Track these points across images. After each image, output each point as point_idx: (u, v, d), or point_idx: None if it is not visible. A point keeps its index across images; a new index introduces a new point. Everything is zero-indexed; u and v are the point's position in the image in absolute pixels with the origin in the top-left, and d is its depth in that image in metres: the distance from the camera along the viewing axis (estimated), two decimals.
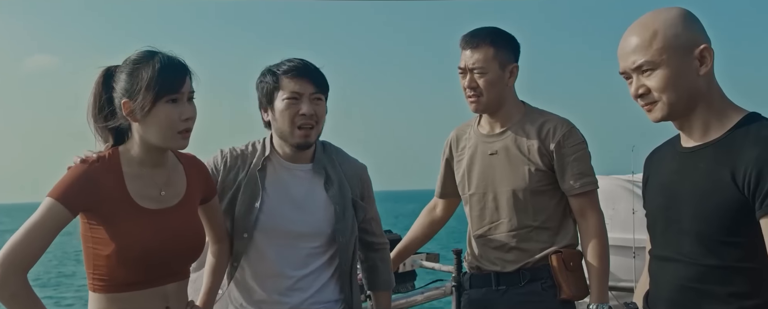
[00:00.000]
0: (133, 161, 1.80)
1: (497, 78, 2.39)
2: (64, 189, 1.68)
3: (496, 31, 2.44)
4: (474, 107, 2.44)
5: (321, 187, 2.24)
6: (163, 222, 1.79)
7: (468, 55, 2.40)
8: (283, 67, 2.17)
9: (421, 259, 3.35)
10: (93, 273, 1.75)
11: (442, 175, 2.70)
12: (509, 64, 2.42)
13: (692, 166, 1.55)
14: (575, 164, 2.36)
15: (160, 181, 1.83)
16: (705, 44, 1.53)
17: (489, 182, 2.45)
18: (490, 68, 2.38)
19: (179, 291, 1.86)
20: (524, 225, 2.39)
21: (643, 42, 1.55)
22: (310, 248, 2.21)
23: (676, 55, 1.52)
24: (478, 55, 2.38)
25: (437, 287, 3.37)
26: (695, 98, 1.55)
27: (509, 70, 2.42)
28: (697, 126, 1.57)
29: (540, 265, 2.38)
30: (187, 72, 1.77)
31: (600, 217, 2.36)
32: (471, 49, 2.40)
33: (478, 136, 2.52)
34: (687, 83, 1.53)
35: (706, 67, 1.52)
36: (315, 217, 2.21)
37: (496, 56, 2.38)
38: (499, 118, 2.46)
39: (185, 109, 1.75)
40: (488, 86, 2.39)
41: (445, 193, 2.72)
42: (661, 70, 1.53)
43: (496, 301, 2.42)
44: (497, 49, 2.39)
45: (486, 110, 2.45)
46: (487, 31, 2.42)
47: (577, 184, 2.35)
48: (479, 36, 2.41)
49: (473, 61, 2.39)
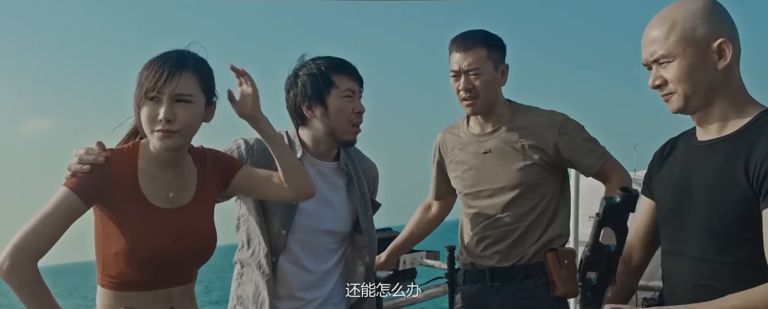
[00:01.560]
0: (150, 158, 1.77)
1: (492, 78, 2.44)
2: (78, 179, 1.67)
3: (487, 33, 2.48)
4: (471, 110, 2.47)
5: (343, 186, 2.28)
6: (173, 223, 1.76)
7: (460, 57, 2.43)
8: (330, 63, 2.20)
9: (422, 256, 3.35)
10: (102, 269, 1.74)
11: (434, 178, 2.74)
12: (501, 65, 2.47)
13: (707, 160, 1.54)
14: (583, 145, 2.43)
15: (174, 184, 1.80)
16: (723, 38, 1.50)
17: (483, 180, 2.48)
18: (485, 69, 2.42)
19: (186, 293, 1.84)
20: (520, 220, 2.43)
21: (662, 33, 1.54)
22: (330, 243, 2.26)
23: (693, 47, 1.51)
24: (472, 56, 2.41)
25: (437, 285, 3.37)
26: (712, 91, 1.53)
27: (501, 70, 2.47)
28: (714, 120, 1.55)
29: (534, 262, 2.42)
30: (175, 73, 1.70)
31: (622, 176, 2.43)
32: (464, 51, 2.43)
33: (469, 137, 2.55)
34: (703, 76, 1.52)
35: (724, 61, 1.50)
36: (340, 215, 2.26)
37: (489, 57, 2.43)
38: (491, 118, 2.50)
39: (163, 109, 1.70)
40: (485, 87, 2.42)
41: (439, 194, 2.76)
42: (678, 61, 1.53)
43: (491, 296, 2.45)
44: (490, 49, 2.43)
45: (482, 111, 2.48)
46: (478, 34, 2.47)
47: (592, 161, 2.44)
48: (471, 38, 2.44)
49: (468, 63, 2.42)
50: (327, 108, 2.18)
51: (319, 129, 2.22)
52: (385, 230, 3.21)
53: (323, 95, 2.17)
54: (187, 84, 1.72)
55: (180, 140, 1.74)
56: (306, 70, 2.21)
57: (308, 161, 2.23)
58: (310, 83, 2.18)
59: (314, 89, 2.18)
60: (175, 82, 1.70)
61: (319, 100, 2.18)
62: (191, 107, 1.73)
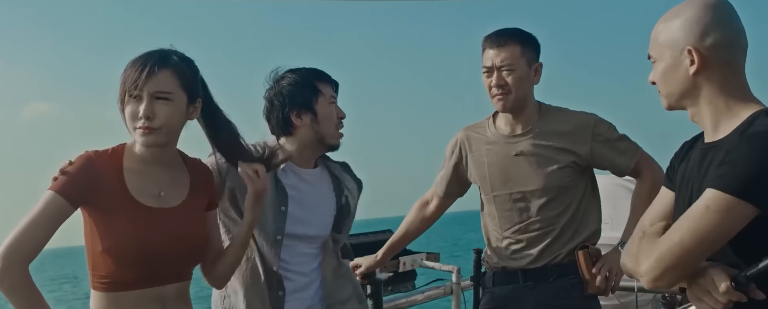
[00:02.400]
0: (136, 157, 1.79)
1: (525, 75, 2.45)
2: (64, 181, 1.69)
3: (521, 31, 2.50)
4: (501, 106, 2.47)
5: (325, 192, 2.32)
6: (162, 221, 1.77)
7: (494, 53, 2.45)
8: (311, 72, 2.26)
9: (422, 258, 3.34)
10: (93, 271, 1.75)
11: (447, 175, 2.69)
12: (534, 63, 2.47)
13: (702, 163, 1.54)
14: (617, 144, 2.46)
15: (162, 181, 1.82)
16: (691, 46, 1.50)
17: (515, 182, 2.47)
18: (518, 65, 2.43)
19: (179, 294, 1.84)
20: (553, 223, 2.44)
21: (655, 33, 1.58)
22: (311, 248, 2.29)
23: (669, 50, 1.54)
24: (505, 53, 2.43)
25: (437, 287, 3.36)
26: (686, 96, 1.55)
27: (534, 68, 2.47)
28: (706, 123, 1.56)
29: (567, 260, 2.42)
30: (154, 70, 1.72)
31: (654, 171, 2.45)
32: (498, 48, 2.44)
33: (498, 137, 2.54)
34: (676, 80, 1.54)
35: (694, 67, 1.51)
36: (322, 220, 2.29)
37: (523, 54, 2.44)
38: (521, 118, 2.50)
39: (142, 107, 1.72)
40: (517, 83, 2.43)
41: (449, 192, 2.73)
42: (659, 63, 1.57)
43: (525, 296, 2.46)
44: (524, 46, 2.45)
45: (513, 108, 2.48)
46: (512, 31, 2.48)
47: (627, 159, 2.46)
48: (505, 35, 2.46)
49: (501, 59, 2.43)
50: (316, 114, 2.22)
51: (306, 136, 2.25)
52: (384, 232, 3.20)
53: (311, 102, 2.22)
54: (166, 81, 1.74)
55: (161, 137, 1.76)
56: (288, 80, 2.24)
57: (291, 170, 2.27)
58: (297, 92, 2.22)
59: (303, 97, 2.21)
60: (155, 80, 1.72)
61: (307, 107, 2.22)
62: (170, 104, 1.75)
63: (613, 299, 3.46)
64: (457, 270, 3.36)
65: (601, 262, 2.38)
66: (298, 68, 2.28)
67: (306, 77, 2.24)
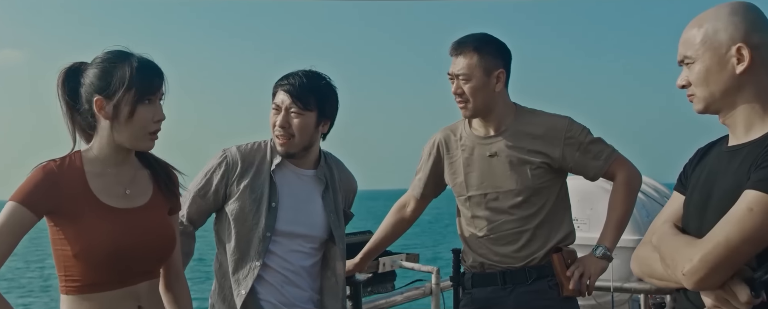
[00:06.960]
0: (96, 160, 1.79)
1: (481, 84, 2.43)
2: (26, 192, 1.68)
3: (482, 38, 2.48)
4: (463, 113, 2.49)
5: (320, 193, 2.34)
6: (130, 220, 1.78)
7: (452, 61, 2.46)
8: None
9: (401, 259, 3.34)
10: (65, 275, 1.75)
11: (425, 175, 2.69)
12: (495, 70, 2.44)
13: (728, 165, 1.55)
14: (590, 147, 2.46)
15: (125, 180, 1.82)
16: (741, 43, 1.51)
17: (490, 183, 2.49)
18: (473, 75, 2.42)
19: (151, 291, 1.87)
20: (528, 223, 2.45)
21: (690, 36, 1.58)
22: (305, 247, 2.31)
23: (712, 51, 1.53)
24: (461, 61, 2.44)
25: (417, 287, 3.37)
26: (729, 96, 1.55)
27: (495, 76, 2.44)
28: (739, 124, 1.56)
29: (544, 262, 2.45)
30: (163, 73, 1.79)
31: (629, 173, 2.48)
32: (455, 56, 2.46)
33: (473, 139, 2.54)
34: (720, 80, 1.53)
35: (742, 66, 1.51)
36: (316, 220, 2.31)
37: (480, 63, 2.43)
38: (492, 121, 2.50)
39: (158, 111, 1.77)
40: (473, 92, 2.43)
41: (426, 193, 2.73)
42: (697, 64, 1.56)
43: (504, 299, 2.47)
44: (481, 55, 2.43)
45: (475, 115, 2.50)
46: (472, 38, 2.47)
47: (600, 162, 2.47)
48: (464, 43, 2.46)
49: (458, 68, 2.44)
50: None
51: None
52: (365, 233, 3.19)
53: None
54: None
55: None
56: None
57: (289, 168, 2.31)
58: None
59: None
60: (164, 86, 1.79)
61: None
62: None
63: (590, 299, 3.50)
64: (436, 271, 3.37)
65: (575, 264, 2.41)
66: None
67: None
